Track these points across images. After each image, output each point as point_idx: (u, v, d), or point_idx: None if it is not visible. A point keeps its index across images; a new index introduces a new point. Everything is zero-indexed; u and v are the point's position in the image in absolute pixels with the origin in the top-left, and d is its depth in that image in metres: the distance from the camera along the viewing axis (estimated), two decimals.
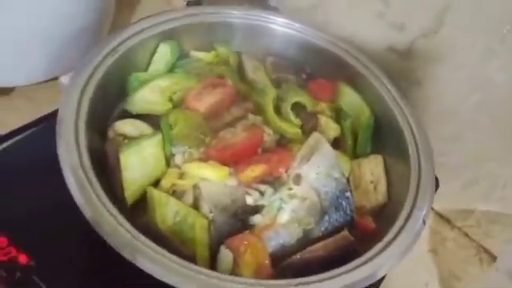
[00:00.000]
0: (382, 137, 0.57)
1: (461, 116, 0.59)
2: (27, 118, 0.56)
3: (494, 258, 0.65)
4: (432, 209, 0.70)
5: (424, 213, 0.45)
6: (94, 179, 0.41)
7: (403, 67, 0.62)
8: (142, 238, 0.38)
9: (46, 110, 0.56)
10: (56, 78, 0.68)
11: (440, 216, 0.69)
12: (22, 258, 0.45)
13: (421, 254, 0.64)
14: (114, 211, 0.39)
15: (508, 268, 0.55)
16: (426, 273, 0.62)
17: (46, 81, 0.67)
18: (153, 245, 0.38)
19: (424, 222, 0.45)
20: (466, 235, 0.68)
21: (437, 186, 0.62)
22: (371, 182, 0.53)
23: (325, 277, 0.39)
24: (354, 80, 0.60)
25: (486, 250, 0.66)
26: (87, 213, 0.38)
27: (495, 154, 0.59)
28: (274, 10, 0.65)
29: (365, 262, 0.41)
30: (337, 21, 0.66)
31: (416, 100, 0.57)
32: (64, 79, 0.65)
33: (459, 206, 0.67)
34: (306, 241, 0.46)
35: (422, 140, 0.53)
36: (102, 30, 0.70)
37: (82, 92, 0.47)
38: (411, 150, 0.52)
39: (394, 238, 0.43)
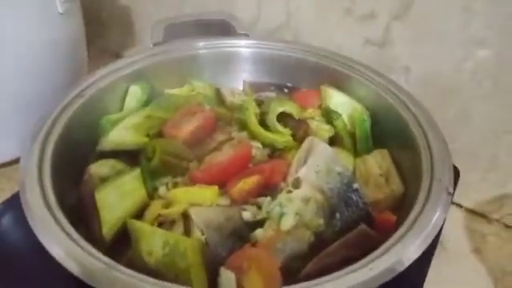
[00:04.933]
0: (382, 131, 0.53)
1: (461, 91, 0.55)
2: None
3: None
4: (462, 207, 0.62)
5: (446, 183, 0.39)
6: (63, 219, 0.36)
7: (386, 58, 0.59)
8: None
9: None
10: None
11: (473, 213, 0.61)
12: None
13: (464, 256, 0.55)
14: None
15: None
16: (474, 274, 0.53)
17: None
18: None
19: (449, 193, 0.38)
20: (507, 226, 0.60)
21: (457, 174, 0.56)
22: (380, 175, 0.47)
23: (334, 277, 0.32)
24: (339, 82, 0.57)
25: None
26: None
27: (508, 122, 0.53)
28: (244, 36, 0.63)
29: (392, 245, 0.34)
30: (307, 32, 0.64)
31: (410, 88, 0.53)
32: None
33: (489, 195, 0.59)
34: (321, 245, 0.39)
35: (425, 120, 0.48)
36: None
37: (46, 136, 0.44)
38: (417, 133, 0.47)
39: (419, 214, 0.36)
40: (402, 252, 0.34)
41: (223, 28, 0.67)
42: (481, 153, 0.57)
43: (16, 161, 0.64)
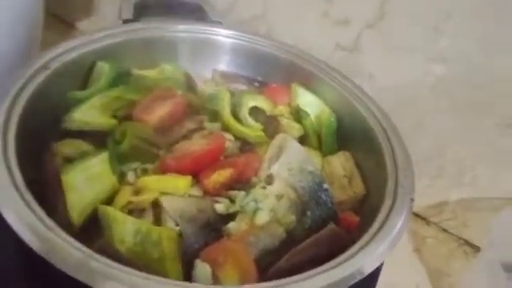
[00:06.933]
0: (347, 133, 0.55)
1: (419, 103, 0.59)
2: None
3: (477, 249, 0.63)
4: None
5: (409, 189, 0.42)
6: (32, 200, 0.33)
7: (353, 63, 0.61)
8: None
9: None
10: None
11: (415, 215, 0.67)
12: None
13: (407, 255, 0.60)
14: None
15: (495, 257, 0.52)
16: (415, 273, 0.58)
17: None
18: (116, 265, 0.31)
19: (412, 200, 0.41)
20: (445, 230, 0.65)
21: None
22: (344, 176, 0.50)
23: (304, 276, 0.33)
24: (308, 82, 0.58)
25: (467, 242, 0.64)
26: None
27: (457, 136, 0.58)
28: (217, 23, 0.62)
29: (360, 249, 0.36)
30: (281, 28, 0.65)
31: (372, 94, 0.56)
32: None
33: (432, 200, 0.65)
34: (291, 242, 0.40)
35: (389, 127, 0.50)
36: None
37: (10, 110, 0.40)
38: (381, 138, 0.49)
39: (385, 220, 0.39)
40: (368, 256, 0.36)
41: (196, 12, 0.65)
42: (430, 161, 0.62)
43: None
